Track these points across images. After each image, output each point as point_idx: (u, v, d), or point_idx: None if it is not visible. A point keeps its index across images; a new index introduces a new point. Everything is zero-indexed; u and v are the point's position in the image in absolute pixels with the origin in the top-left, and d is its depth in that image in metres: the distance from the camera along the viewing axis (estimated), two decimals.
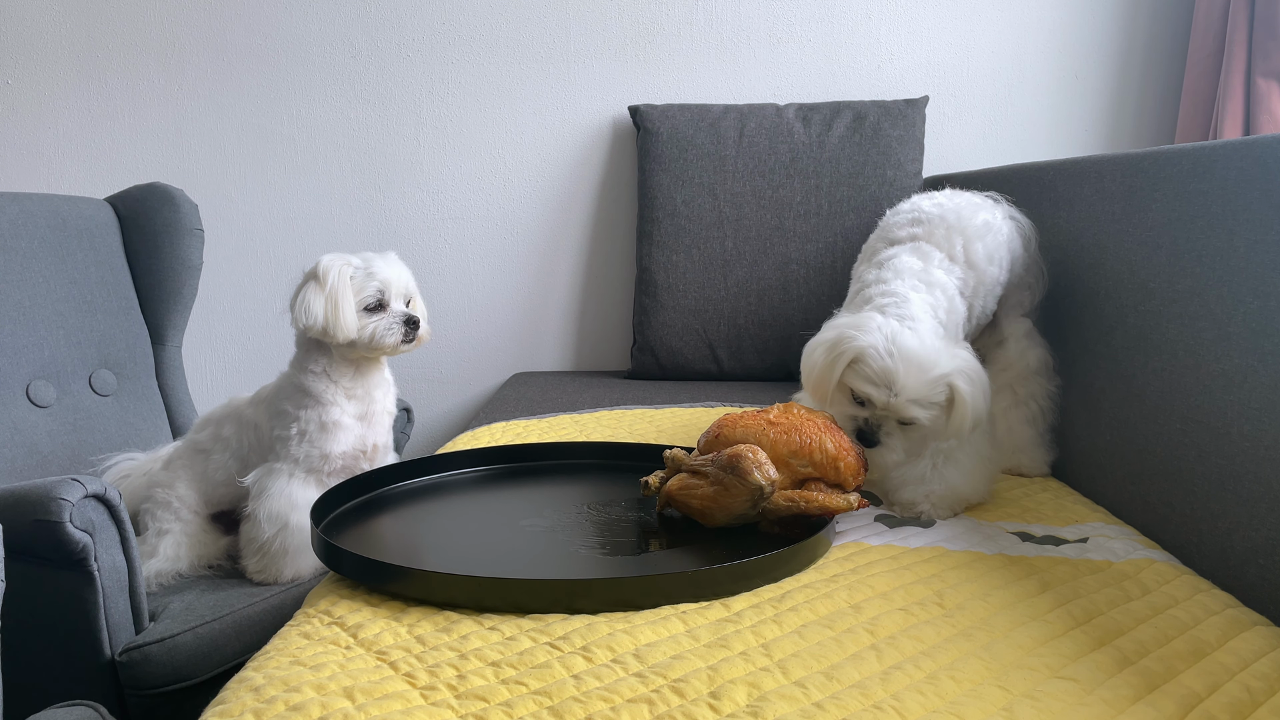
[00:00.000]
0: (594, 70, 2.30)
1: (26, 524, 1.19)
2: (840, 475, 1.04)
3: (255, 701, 0.73)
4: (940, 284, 1.21)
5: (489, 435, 1.58)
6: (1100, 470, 1.25)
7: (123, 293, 1.90)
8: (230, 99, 2.30)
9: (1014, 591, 0.92)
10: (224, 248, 2.33)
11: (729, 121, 2.15)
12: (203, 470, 1.49)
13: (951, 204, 1.31)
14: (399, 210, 2.35)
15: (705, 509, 1.04)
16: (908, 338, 1.09)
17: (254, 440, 1.46)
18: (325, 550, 0.96)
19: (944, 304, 1.20)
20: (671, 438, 1.51)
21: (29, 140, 2.28)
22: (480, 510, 1.14)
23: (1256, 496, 0.94)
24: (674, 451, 1.11)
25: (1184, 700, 0.73)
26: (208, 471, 1.49)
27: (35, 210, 1.78)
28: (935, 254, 1.25)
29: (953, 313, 1.21)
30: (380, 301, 1.36)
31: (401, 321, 1.37)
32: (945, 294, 1.21)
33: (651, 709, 0.71)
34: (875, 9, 2.27)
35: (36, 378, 1.70)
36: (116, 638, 1.26)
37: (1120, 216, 1.23)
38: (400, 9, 2.28)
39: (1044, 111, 2.30)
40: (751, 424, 1.06)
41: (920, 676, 0.75)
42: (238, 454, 1.47)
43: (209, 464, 1.49)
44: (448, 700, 0.73)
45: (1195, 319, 1.06)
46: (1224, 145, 1.04)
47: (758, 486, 0.99)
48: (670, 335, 2.14)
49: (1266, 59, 1.96)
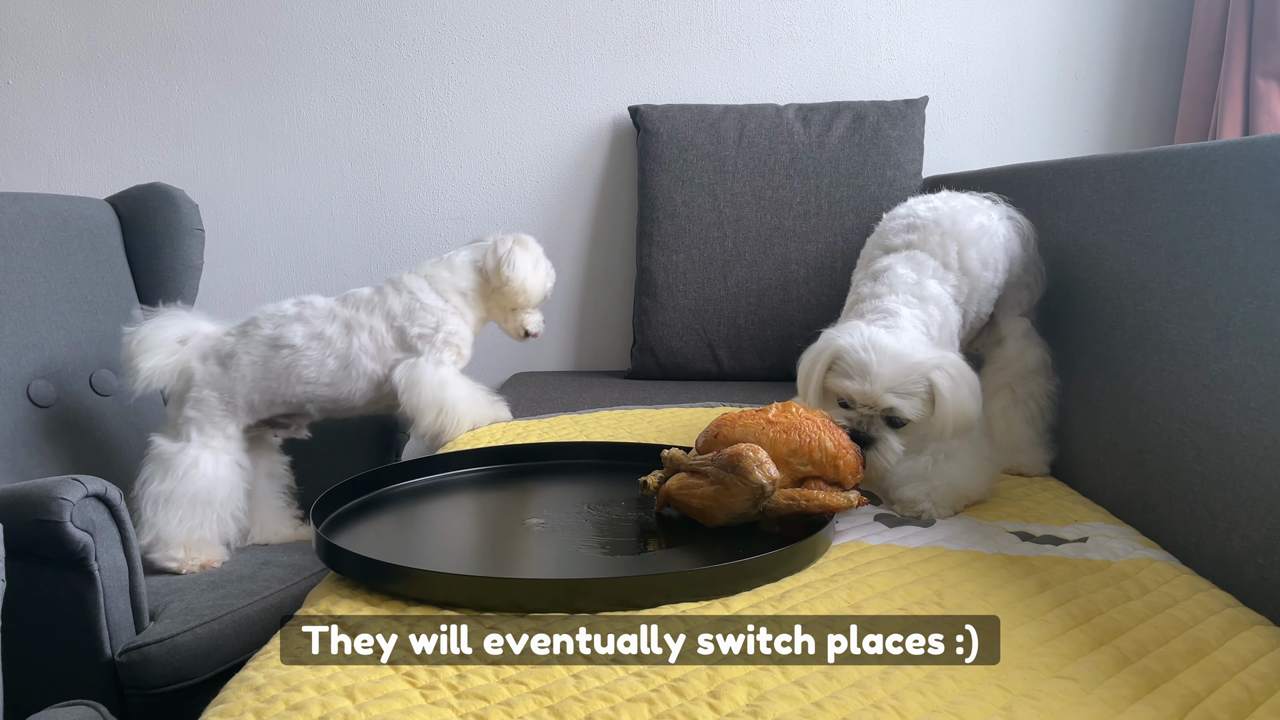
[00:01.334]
0: (594, 70, 2.30)
1: (27, 524, 1.20)
2: (840, 473, 1.04)
3: (256, 701, 0.73)
4: (934, 297, 1.22)
5: (489, 435, 1.58)
6: (1100, 470, 1.25)
7: (123, 293, 1.90)
8: (230, 99, 2.30)
9: (1013, 591, 0.92)
10: (224, 248, 2.33)
11: (729, 122, 2.15)
12: (284, 368, 1.55)
13: (946, 208, 1.31)
14: (399, 210, 2.35)
15: (706, 508, 1.04)
16: (884, 335, 1.12)
17: (365, 340, 1.59)
18: (325, 550, 0.96)
19: (937, 318, 1.21)
20: (671, 438, 1.51)
21: (29, 140, 2.29)
22: (480, 510, 1.14)
23: (1255, 496, 0.94)
24: (672, 451, 1.11)
25: (1183, 700, 0.73)
26: (294, 369, 1.55)
27: (36, 210, 1.79)
28: (929, 263, 1.25)
29: (945, 325, 1.22)
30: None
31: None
32: (939, 306, 1.22)
33: (651, 708, 0.71)
34: (875, 9, 2.27)
35: (37, 377, 1.70)
36: (117, 637, 1.26)
37: (1119, 217, 1.23)
38: (400, 9, 2.28)
39: (1044, 112, 2.30)
40: (751, 423, 1.06)
41: (920, 676, 0.75)
42: (342, 354, 1.58)
43: (298, 361, 1.55)
44: (448, 700, 0.73)
45: (1194, 319, 1.06)
46: (1223, 145, 1.04)
47: (759, 485, 0.99)
48: (670, 335, 2.14)
49: (1266, 59, 1.96)
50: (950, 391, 1.09)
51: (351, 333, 1.59)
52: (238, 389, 1.55)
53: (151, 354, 1.54)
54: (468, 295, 1.67)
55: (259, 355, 1.56)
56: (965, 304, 1.26)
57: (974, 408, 1.11)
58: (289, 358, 1.56)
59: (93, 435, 1.76)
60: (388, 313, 1.61)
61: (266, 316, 1.59)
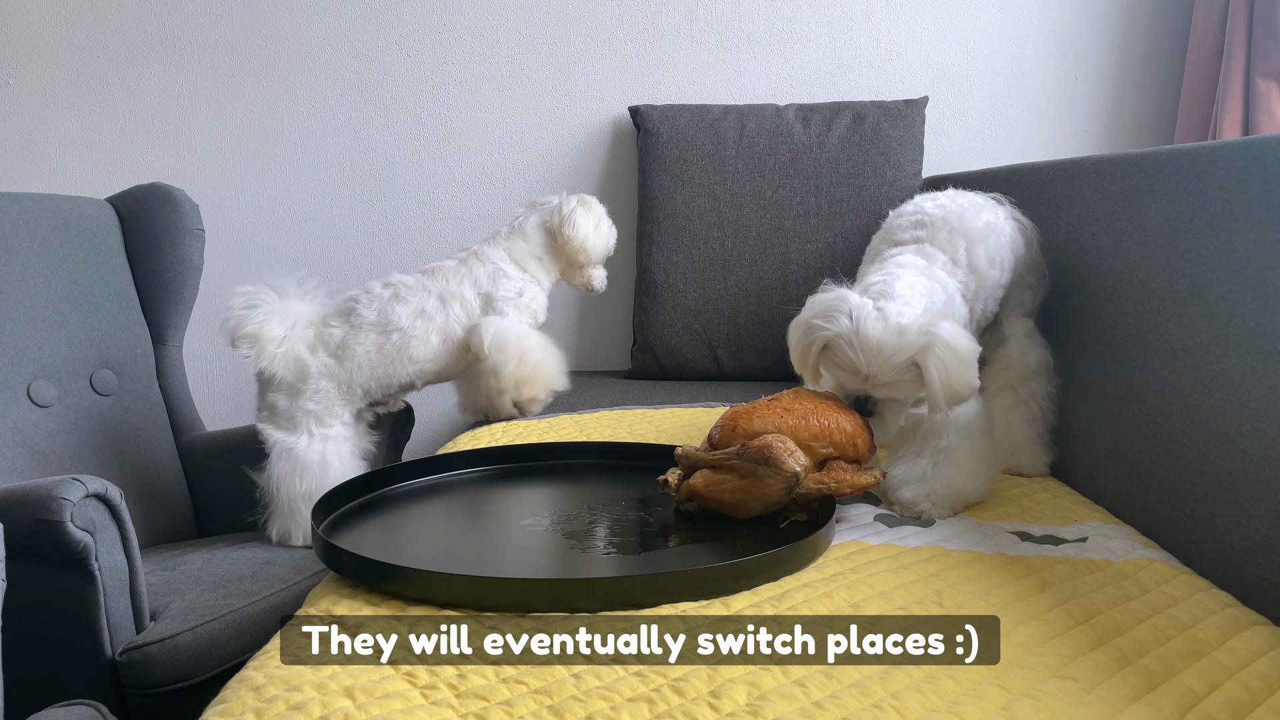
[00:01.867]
0: (594, 70, 2.30)
1: (27, 523, 1.20)
2: (859, 452, 1.09)
3: (256, 701, 0.73)
4: (941, 281, 1.22)
5: (489, 435, 1.58)
6: (1100, 470, 1.25)
7: (123, 293, 1.90)
8: (230, 99, 2.30)
9: (1013, 591, 0.92)
10: (224, 248, 2.33)
11: (729, 122, 2.15)
12: (396, 351, 1.62)
13: (954, 205, 1.31)
14: (399, 210, 2.35)
15: (738, 501, 1.06)
16: (870, 325, 1.09)
17: (458, 311, 1.67)
18: (325, 550, 0.96)
19: (940, 296, 1.19)
20: (672, 437, 1.51)
21: (29, 140, 2.29)
22: (480, 510, 1.14)
23: (1255, 496, 0.94)
24: (686, 449, 1.11)
25: (1183, 700, 0.73)
26: (405, 350, 1.62)
27: (36, 210, 1.79)
28: (939, 256, 1.25)
29: (950, 308, 1.20)
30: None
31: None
32: (945, 290, 1.21)
33: (651, 708, 0.71)
34: (875, 9, 2.27)
35: (37, 377, 1.70)
36: (117, 637, 1.26)
37: (1119, 217, 1.23)
38: (400, 9, 2.28)
39: (1043, 112, 2.30)
40: (768, 414, 1.09)
41: (920, 676, 0.75)
42: (443, 328, 1.66)
43: (408, 343, 1.62)
44: (448, 699, 0.73)
45: (1194, 319, 1.06)
46: (1223, 145, 1.04)
47: (794, 473, 1.02)
48: (670, 335, 2.14)
49: (1266, 59, 1.96)
50: (938, 371, 1.09)
51: (446, 305, 1.67)
52: (355, 378, 1.61)
53: (269, 341, 1.59)
54: (542, 259, 1.77)
55: (371, 343, 1.61)
56: (972, 301, 1.26)
57: (967, 377, 1.10)
58: (399, 341, 1.62)
59: (93, 435, 1.76)
60: (475, 281, 1.70)
61: (364, 301, 1.64)
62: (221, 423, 2.37)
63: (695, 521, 1.09)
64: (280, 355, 1.58)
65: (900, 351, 1.08)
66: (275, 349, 1.58)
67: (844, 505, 1.18)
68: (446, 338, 1.67)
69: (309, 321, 1.63)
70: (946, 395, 1.09)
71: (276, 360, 1.58)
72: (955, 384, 1.09)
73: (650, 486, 1.21)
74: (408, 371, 1.65)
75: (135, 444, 1.82)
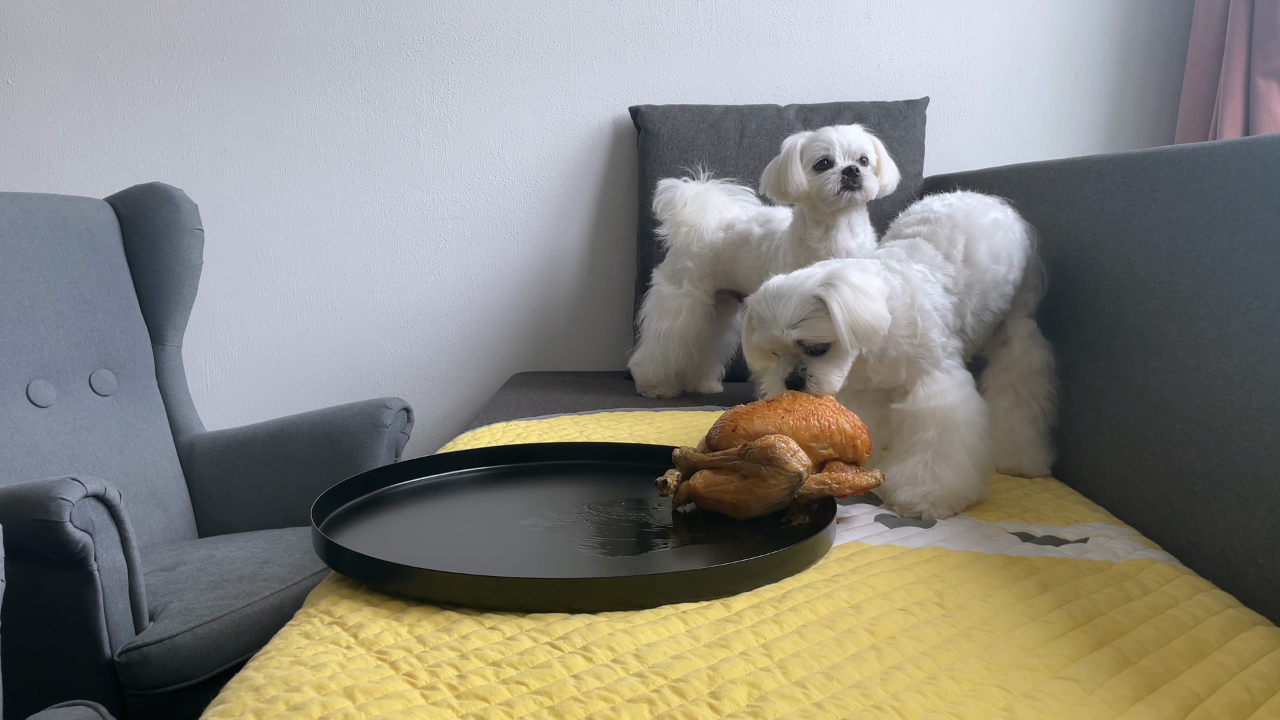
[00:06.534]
0: (594, 70, 2.30)
1: (26, 524, 1.19)
2: (858, 453, 1.10)
3: (256, 701, 0.73)
4: (906, 273, 1.22)
5: (489, 435, 1.58)
6: (1100, 470, 1.25)
7: (123, 293, 1.90)
8: (230, 99, 2.30)
9: (1014, 591, 0.92)
10: (224, 248, 2.33)
11: (729, 122, 2.15)
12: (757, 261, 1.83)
13: (962, 204, 1.31)
14: (399, 210, 2.35)
15: (740, 502, 1.06)
16: (778, 278, 1.17)
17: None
18: (325, 549, 0.96)
19: (897, 286, 1.20)
20: (671, 438, 1.51)
21: (29, 140, 2.29)
22: (480, 510, 1.14)
23: (1256, 496, 0.94)
24: (684, 450, 1.11)
25: (1184, 701, 0.73)
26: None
27: (35, 210, 1.78)
28: (927, 249, 1.26)
29: (906, 297, 1.20)
30: (827, 158, 1.58)
31: (840, 172, 1.56)
32: (907, 282, 1.21)
33: (652, 709, 0.71)
34: (875, 9, 2.27)
35: (36, 378, 1.70)
36: (116, 638, 1.26)
37: (1120, 217, 1.23)
38: (400, 9, 2.28)
39: (1044, 112, 2.30)
40: (769, 415, 1.09)
41: (920, 676, 0.75)
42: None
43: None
44: (448, 700, 0.73)
45: (1195, 319, 1.06)
46: (1224, 145, 1.04)
47: (797, 473, 1.03)
48: None
49: (1266, 59, 1.96)
50: (839, 304, 1.10)
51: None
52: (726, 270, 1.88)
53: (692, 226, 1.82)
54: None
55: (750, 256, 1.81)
56: (963, 294, 1.26)
57: (872, 312, 1.12)
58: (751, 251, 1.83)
59: (92, 435, 1.76)
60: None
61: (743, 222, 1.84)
62: (220, 423, 2.37)
63: (695, 522, 1.08)
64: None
65: (796, 290, 1.13)
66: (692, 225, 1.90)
67: (844, 506, 1.18)
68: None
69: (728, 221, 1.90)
70: (851, 328, 1.11)
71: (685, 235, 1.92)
72: (861, 317, 1.11)
73: (650, 487, 1.21)
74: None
75: (134, 444, 1.82)
